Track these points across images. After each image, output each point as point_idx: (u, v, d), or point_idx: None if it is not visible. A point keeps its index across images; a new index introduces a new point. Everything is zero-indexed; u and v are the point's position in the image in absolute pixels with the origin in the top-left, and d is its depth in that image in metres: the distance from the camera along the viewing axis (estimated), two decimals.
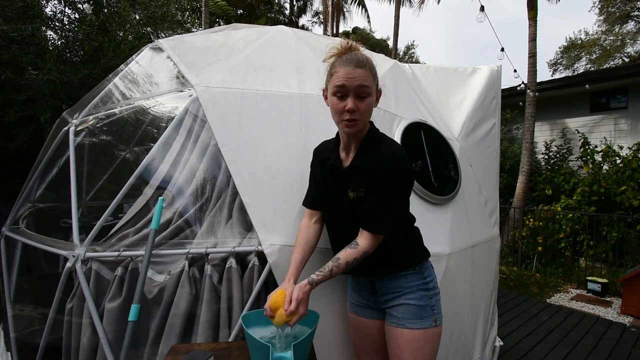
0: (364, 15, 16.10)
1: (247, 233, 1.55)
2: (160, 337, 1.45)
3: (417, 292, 1.24)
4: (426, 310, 1.23)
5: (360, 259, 1.15)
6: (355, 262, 1.14)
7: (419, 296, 1.24)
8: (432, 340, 1.23)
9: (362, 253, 1.14)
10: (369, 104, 1.14)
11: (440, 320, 1.26)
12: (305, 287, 1.12)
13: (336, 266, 1.14)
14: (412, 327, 1.22)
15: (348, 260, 1.14)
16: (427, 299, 1.24)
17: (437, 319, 1.24)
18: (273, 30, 2.09)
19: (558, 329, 3.34)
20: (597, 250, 5.18)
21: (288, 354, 1.08)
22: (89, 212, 2.60)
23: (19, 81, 3.30)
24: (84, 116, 2.08)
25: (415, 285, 1.25)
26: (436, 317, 1.24)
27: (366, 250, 1.15)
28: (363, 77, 1.11)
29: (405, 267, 1.26)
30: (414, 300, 1.24)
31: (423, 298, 1.24)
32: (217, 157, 1.67)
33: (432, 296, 1.25)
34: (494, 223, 2.22)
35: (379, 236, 1.15)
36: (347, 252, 1.15)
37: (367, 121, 1.21)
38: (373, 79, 1.15)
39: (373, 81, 1.15)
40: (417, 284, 1.25)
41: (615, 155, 6.04)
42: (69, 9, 4.37)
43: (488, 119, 2.26)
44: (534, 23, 6.80)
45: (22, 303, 2.10)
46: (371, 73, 1.15)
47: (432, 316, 1.23)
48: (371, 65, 1.15)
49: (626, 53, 16.92)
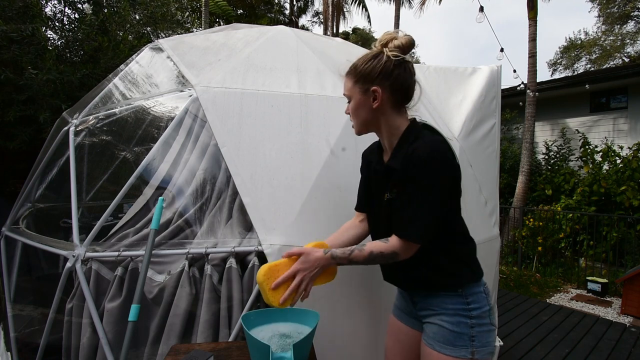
0: (364, 15, 16.11)
1: (247, 233, 1.55)
2: (160, 337, 1.45)
3: (454, 316, 1.11)
4: (462, 339, 1.09)
5: (388, 256, 1.09)
6: (381, 256, 1.09)
7: (456, 321, 1.10)
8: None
9: (390, 250, 1.08)
10: (353, 107, 1.20)
11: (483, 355, 1.09)
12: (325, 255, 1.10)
13: (359, 249, 1.11)
14: (441, 352, 1.11)
15: (373, 250, 1.09)
16: (467, 327, 1.09)
17: (475, 352, 1.08)
18: (273, 30, 2.09)
19: (558, 329, 3.34)
20: (597, 250, 5.18)
21: (288, 354, 1.08)
22: (89, 212, 2.60)
23: (19, 81, 3.30)
24: (84, 116, 2.08)
25: (454, 309, 1.12)
26: (475, 349, 1.08)
27: (395, 251, 1.08)
28: (345, 85, 1.21)
29: (444, 287, 1.14)
30: (448, 324, 1.11)
31: (460, 325, 1.10)
32: (217, 157, 1.67)
33: (474, 326, 1.10)
34: (494, 223, 2.22)
35: (407, 241, 1.07)
36: (375, 243, 1.12)
37: (361, 123, 1.21)
38: (354, 83, 1.17)
39: (353, 85, 1.17)
40: (457, 308, 1.12)
41: (615, 155, 6.04)
42: (68, 9, 4.37)
43: (488, 119, 2.26)
44: (534, 23, 6.80)
45: (22, 303, 2.10)
46: (352, 77, 1.17)
47: (470, 347, 1.08)
48: (352, 69, 1.17)
49: (626, 53, 16.92)
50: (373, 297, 1.55)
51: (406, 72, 1.14)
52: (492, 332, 1.13)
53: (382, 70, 1.12)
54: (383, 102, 1.15)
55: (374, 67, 1.13)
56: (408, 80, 1.15)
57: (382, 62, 1.12)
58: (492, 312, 1.16)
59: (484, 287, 1.17)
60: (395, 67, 1.12)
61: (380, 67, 1.12)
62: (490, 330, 1.13)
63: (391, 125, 1.18)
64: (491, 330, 1.13)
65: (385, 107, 1.16)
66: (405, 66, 1.14)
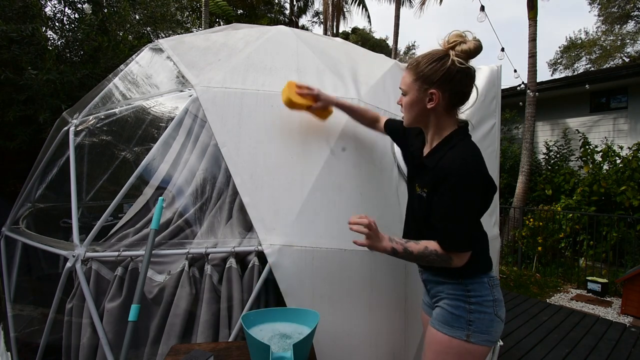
0: (364, 15, 16.11)
1: (247, 233, 1.55)
2: (160, 337, 1.45)
3: (454, 300, 1.20)
4: (459, 321, 1.17)
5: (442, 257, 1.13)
6: (435, 255, 1.13)
7: (455, 305, 1.19)
8: (459, 352, 1.16)
9: (444, 254, 1.13)
10: (407, 102, 1.23)
11: (479, 340, 1.15)
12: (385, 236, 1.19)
13: (415, 242, 1.17)
14: (439, 330, 1.20)
15: (428, 246, 1.14)
16: (465, 311, 1.17)
17: (471, 335, 1.15)
18: (273, 30, 2.09)
19: (558, 329, 3.34)
20: (597, 250, 5.18)
21: (288, 354, 1.08)
22: (89, 212, 2.60)
23: (19, 81, 3.30)
24: (84, 116, 2.08)
25: (455, 295, 1.20)
26: (471, 333, 1.15)
27: (450, 257, 1.13)
28: (404, 79, 1.23)
29: (448, 277, 1.23)
30: (448, 307, 1.20)
31: (459, 308, 1.18)
32: (217, 157, 1.67)
33: (473, 311, 1.17)
34: (494, 223, 2.22)
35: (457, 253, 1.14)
36: (431, 241, 1.16)
37: (413, 118, 1.25)
38: (413, 80, 1.19)
39: (413, 82, 1.19)
40: (457, 294, 1.20)
41: (615, 155, 6.04)
42: (68, 9, 4.37)
43: (488, 119, 2.26)
44: (534, 23, 6.80)
45: (22, 303, 2.10)
46: (412, 74, 1.19)
47: (465, 330, 1.15)
48: (414, 66, 1.18)
49: (626, 53, 16.92)
50: (373, 297, 1.55)
51: (467, 78, 1.15)
52: (495, 322, 1.17)
53: (444, 74, 1.13)
54: (438, 104, 1.17)
55: (437, 70, 1.13)
56: (469, 87, 1.17)
57: (446, 66, 1.12)
58: (498, 304, 1.19)
59: (489, 278, 1.21)
60: (458, 73, 1.13)
61: (444, 71, 1.13)
62: (493, 320, 1.17)
63: (439, 125, 1.22)
64: (494, 321, 1.17)
65: (439, 108, 1.18)
66: (468, 72, 1.14)
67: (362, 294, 1.53)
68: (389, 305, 1.58)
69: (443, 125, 1.21)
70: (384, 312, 1.57)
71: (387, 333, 1.58)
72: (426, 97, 1.17)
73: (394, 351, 1.59)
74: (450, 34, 1.15)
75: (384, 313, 1.57)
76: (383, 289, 1.56)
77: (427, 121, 1.23)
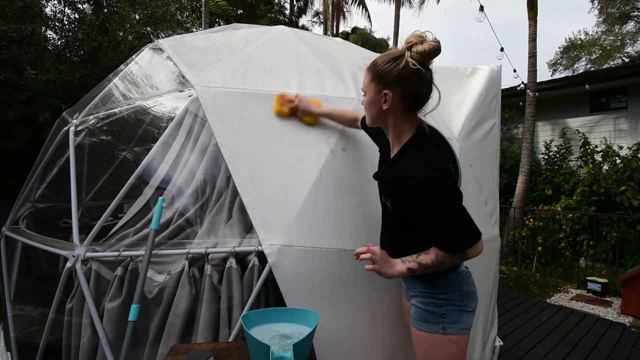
0: (364, 15, 16.11)
1: (247, 233, 1.55)
2: (160, 337, 1.45)
3: (425, 297, 1.25)
4: (433, 316, 1.22)
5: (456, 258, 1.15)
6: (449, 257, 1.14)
7: (427, 302, 1.24)
8: (444, 345, 1.21)
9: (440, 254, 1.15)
10: (366, 102, 1.25)
11: (455, 330, 1.21)
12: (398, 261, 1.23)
13: (425, 253, 1.18)
14: (419, 328, 1.25)
15: (438, 252, 1.15)
16: (436, 307, 1.22)
17: (447, 327, 1.20)
18: (273, 30, 2.09)
19: (558, 329, 3.34)
20: (597, 250, 5.18)
21: (288, 354, 1.08)
22: (89, 212, 2.60)
23: (19, 81, 3.30)
24: (84, 116, 2.08)
25: (425, 292, 1.25)
26: (446, 325, 1.21)
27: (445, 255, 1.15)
28: (363, 79, 1.24)
29: (418, 277, 1.27)
30: (421, 305, 1.26)
31: (430, 304, 1.23)
32: (217, 157, 1.67)
33: (444, 304, 1.22)
34: (494, 223, 2.22)
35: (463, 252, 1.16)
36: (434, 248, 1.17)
37: (371, 118, 1.26)
38: (370, 80, 1.20)
39: (369, 82, 1.20)
40: (427, 292, 1.25)
41: (615, 155, 6.04)
42: (68, 9, 4.37)
43: (488, 119, 2.26)
44: (534, 23, 6.80)
45: (22, 303, 2.10)
46: (370, 74, 1.20)
47: (441, 323, 1.21)
48: (372, 66, 1.19)
49: (626, 53, 16.92)
50: (373, 297, 1.55)
51: (421, 81, 1.13)
52: (465, 312, 1.23)
53: (397, 75, 1.12)
54: (393, 105, 1.17)
55: (391, 70, 1.13)
56: (421, 89, 1.14)
57: (400, 66, 1.11)
58: (466, 297, 1.23)
59: (457, 275, 1.24)
60: (411, 74, 1.11)
61: (397, 72, 1.12)
62: (463, 311, 1.23)
63: (397, 128, 1.22)
64: (464, 311, 1.23)
65: (395, 109, 1.18)
66: (421, 74, 1.12)
67: (362, 294, 1.53)
68: (388, 305, 1.58)
69: (401, 129, 1.21)
70: (383, 312, 1.57)
71: (386, 333, 1.58)
72: (381, 97, 1.17)
73: (394, 351, 1.59)
74: (410, 34, 1.13)
75: (383, 313, 1.57)
76: (383, 289, 1.56)
77: (386, 122, 1.24)
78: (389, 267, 1.22)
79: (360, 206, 1.57)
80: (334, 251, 1.49)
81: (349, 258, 1.51)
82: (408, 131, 1.21)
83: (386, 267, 1.22)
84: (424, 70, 1.12)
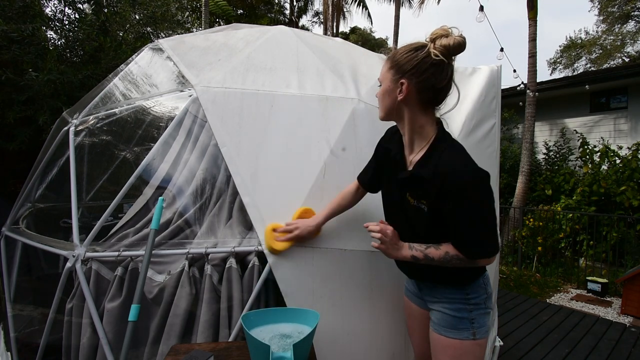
0: (364, 15, 16.11)
1: (247, 233, 1.55)
2: (160, 337, 1.45)
3: (455, 304, 1.21)
4: (463, 322, 1.19)
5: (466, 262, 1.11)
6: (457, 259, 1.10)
7: (457, 308, 1.20)
8: (473, 351, 1.18)
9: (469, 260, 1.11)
10: (381, 91, 1.21)
11: (482, 334, 1.19)
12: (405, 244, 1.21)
13: (435, 247, 1.14)
14: (447, 336, 1.20)
15: (449, 251, 1.11)
16: (466, 312, 1.19)
17: (476, 332, 1.18)
18: (273, 30, 2.09)
19: (558, 329, 3.34)
20: (597, 250, 5.18)
21: (288, 354, 1.08)
22: (89, 212, 2.60)
23: (19, 81, 3.29)
24: (84, 116, 2.08)
25: (454, 299, 1.21)
26: (476, 330, 1.18)
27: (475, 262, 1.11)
28: (382, 69, 1.20)
29: (446, 283, 1.22)
30: (450, 311, 1.21)
31: (461, 311, 1.19)
32: (216, 157, 1.67)
33: (473, 309, 1.19)
34: None
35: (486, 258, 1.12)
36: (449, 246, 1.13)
37: (384, 109, 1.21)
38: (388, 68, 1.16)
39: (387, 71, 1.16)
40: (457, 298, 1.21)
41: (614, 156, 6.04)
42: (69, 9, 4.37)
43: (488, 119, 2.25)
44: (534, 23, 6.80)
45: (22, 303, 2.10)
46: (388, 62, 1.16)
47: (471, 329, 1.18)
48: (392, 55, 1.15)
49: (626, 53, 16.91)
50: (373, 297, 1.55)
51: (440, 74, 1.08)
52: (488, 314, 1.23)
53: (416, 65, 1.08)
54: (409, 97, 1.12)
55: (411, 59, 1.09)
56: (440, 82, 1.09)
57: (420, 57, 1.08)
58: (489, 298, 1.24)
59: (483, 278, 1.23)
60: (432, 66, 1.07)
61: (417, 62, 1.08)
62: (487, 313, 1.23)
63: (414, 122, 1.15)
64: (487, 313, 1.23)
65: (411, 102, 1.13)
66: (442, 67, 1.08)
67: (362, 294, 1.53)
68: (388, 305, 1.58)
69: (419, 122, 1.14)
70: (383, 312, 1.57)
71: (387, 333, 1.58)
72: (397, 87, 1.12)
73: (394, 351, 1.59)
74: (437, 28, 1.10)
75: (383, 313, 1.57)
76: (383, 289, 1.56)
77: (400, 116, 1.18)
78: (395, 249, 1.20)
79: (360, 206, 1.57)
80: (334, 251, 1.49)
81: (349, 258, 1.51)
82: (428, 126, 1.14)
83: (393, 249, 1.20)
84: (445, 63, 1.07)
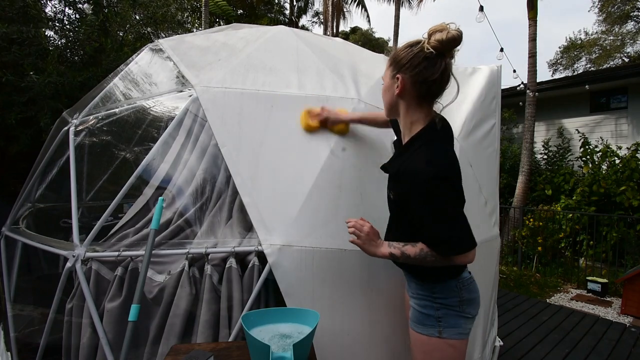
0: (364, 15, 16.11)
1: (247, 233, 1.55)
2: (160, 337, 1.45)
3: (422, 300, 1.24)
4: (429, 319, 1.21)
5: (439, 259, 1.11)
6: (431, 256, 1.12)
7: (423, 304, 1.24)
8: (442, 349, 1.19)
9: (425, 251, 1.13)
10: (383, 89, 1.25)
11: (452, 334, 1.19)
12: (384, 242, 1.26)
13: (412, 245, 1.16)
14: (416, 330, 1.25)
15: (423, 248, 1.13)
16: (432, 310, 1.21)
17: (442, 331, 1.19)
18: (273, 30, 2.09)
19: (558, 329, 3.34)
20: (597, 250, 5.18)
21: (288, 354, 1.08)
22: (89, 212, 2.60)
23: (20, 83, 3.29)
24: (84, 116, 2.08)
25: (422, 295, 1.25)
26: (442, 329, 1.19)
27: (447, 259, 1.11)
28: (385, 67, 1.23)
29: (415, 276, 1.26)
30: (418, 307, 1.26)
31: (427, 307, 1.22)
32: (217, 157, 1.67)
33: (440, 308, 1.21)
34: (494, 223, 2.22)
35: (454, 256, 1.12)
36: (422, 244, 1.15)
37: (386, 106, 1.26)
38: (388, 66, 1.20)
39: (387, 68, 1.21)
40: (424, 294, 1.24)
41: (614, 156, 6.04)
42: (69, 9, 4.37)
43: (488, 119, 2.26)
44: (534, 23, 6.80)
45: (22, 303, 2.10)
46: (389, 60, 1.20)
47: (437, 327, 1.20)
48: (393, 53, 1.19)
49: (626, 53, 16.91)
50: (373, 297, 1.55)
51: (433, 68, 1.10)
52: (463, 317, 1.20)
53: (410, 59, 1.11)
54: (404, 91, 1.15)
55: (406, 55, 1.13)
56: (432, 75, 1.10)
57: (414, 52, 1.11)
58: (465, 303, 1.21)
59: (458, 281, 1.21)
60: (424, 60, 1.09)
61: (411, 56, 1.11)
62: (461, 316, 1.20)
63: (408, 116, 1.20)
64: (462, 317, 1.20)
65: (407, 96, 1.17)
66: (435, 61, 1.09)
67: (362, 294, 1.53)
68: (388, 305, 1.58)
69: (412, 118, 1.18)
70: (383, 312, 1.57)
71: (387, 333, 1.58)
72: (394, 83, 1.16)
73: (394, 351, 1.59)
74: (436, 24, 1.12)
75: (383, 313, 1.57)
76: (383, 289, 1.56)
77: (399, 111, 1.21)
78: (373, 246, 1.23)
79: (361, 206, 1.57)
80: (334, 251, 1.49)
81: (349, 258, 1.51)
82: (418, 122, 1.17)
83: (370, 245, 1.24)
84: (439, 57, 1.09)
